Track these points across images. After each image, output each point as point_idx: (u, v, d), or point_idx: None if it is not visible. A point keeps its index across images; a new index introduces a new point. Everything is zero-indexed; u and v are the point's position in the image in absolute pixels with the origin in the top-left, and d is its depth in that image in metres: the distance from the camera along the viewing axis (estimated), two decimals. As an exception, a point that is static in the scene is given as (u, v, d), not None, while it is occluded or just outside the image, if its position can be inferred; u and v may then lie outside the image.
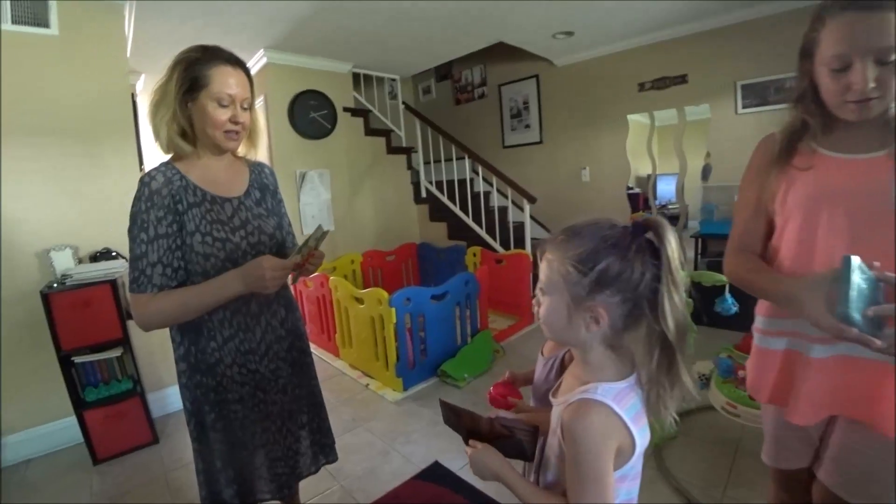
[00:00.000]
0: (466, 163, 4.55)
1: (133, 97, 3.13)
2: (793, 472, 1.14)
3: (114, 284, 2.29)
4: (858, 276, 0.78)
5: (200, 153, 1.21)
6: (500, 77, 5.32)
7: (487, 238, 4.50)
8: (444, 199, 4.87)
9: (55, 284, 2.23)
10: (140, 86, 4.23)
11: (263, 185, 1.36)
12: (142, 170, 2.84)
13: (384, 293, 2.80)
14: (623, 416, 0.72)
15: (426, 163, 5.10)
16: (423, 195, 5.14)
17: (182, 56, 1.14)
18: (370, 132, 4.74)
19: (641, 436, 0.75)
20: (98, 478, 2.23)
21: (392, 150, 4.94)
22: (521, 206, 4.16)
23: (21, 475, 2.27)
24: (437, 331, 3.07)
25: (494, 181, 4.33)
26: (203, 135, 1.17)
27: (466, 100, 5.73)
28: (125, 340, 2.37)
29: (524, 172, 5.05)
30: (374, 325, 2.95)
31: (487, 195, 5.24)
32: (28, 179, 2.34)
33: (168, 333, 1.24)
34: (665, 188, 4.51)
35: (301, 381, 1.43)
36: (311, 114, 4.14)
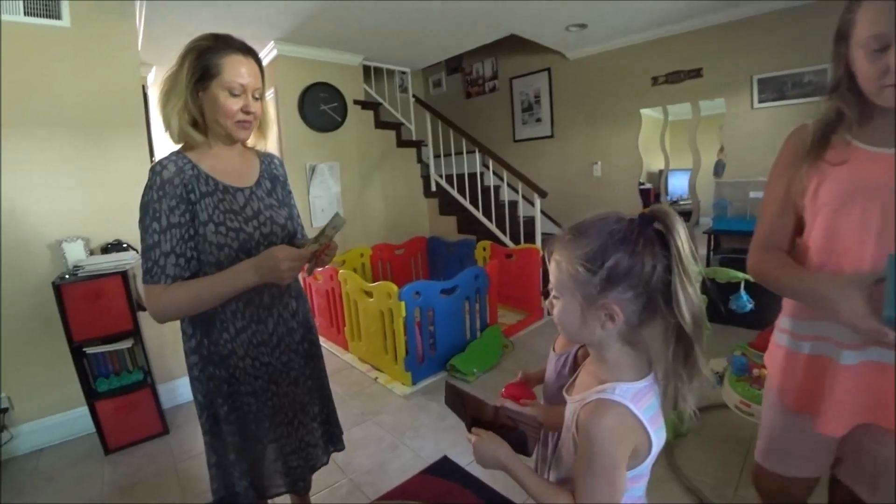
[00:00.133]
0: (477, 157, 4.52)
1: (144, 89, 3.14)
2: (800, 481, 1.10)
3: (125, 276, 2.30)
4: None
5: (211, 143, 1.19)
6: (512, 70, 5.27)
7: (497, 232, 4.48)
8: (455, 193, 4.85)
9: (67, 276, 2.24)
10: (151, 78, 4.25)
11: (274, 176, 1.35)
12: (152, 162, 2.85)
13: (394, 287, 2.79)
14: (641, 418, 0.71)
15: (436, 156, 5.08)
16: (433, 189, 5.11)
17: (193, 44, 1.12)
18: (380, 125, 4.72)
19: (658, 436, 0.73)
20: (109, 467, 2.25)
21: (402, 144, 4.93)
22: (532, 201, 4.12)
23: (34, 464, 2.30)
24: (447, 325, 3.06)
25: (505, 175, 4.30)
26: (214, 124, 1.16)
27: (477, 93, 5.69)
28: (136, 332, 2.38)
29: (535, 167, 5.01)
30: (384, 319, 2.94)
31: (498, 189, 5.21)
32: (41, 171, 2.36)
33: (178, 325, 1.23)
34: (676, 184, 4.47)
35: (312, 373, 1.43)
36: (322, 106, 4.13)
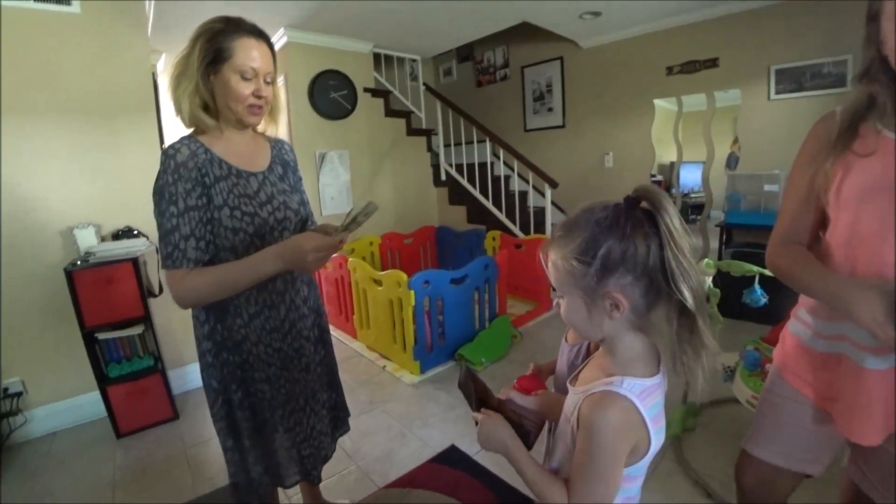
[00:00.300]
0: (487, 146, 4.48)
1: (154, 76, 3.13)
2: (789, 475, 1.07)
3: (135, 262, 2.31)
4: None
5: (223, 127, 1.18)
6: (523, 59, 5.21)
7: (507, 222, 4.45)
8: (464, 183, 4.82)
9: (79, 262, 2.25)
10: (161, 66, 4.24)
11: (285, 162, 1.34)
12: (163, 149, 2.85)
13: (403, 275, 2.78)
14: (644, 415, 0.70)
15: (446, 145, 5.04)
16: (443, 178, 5.09)
17: (205, 27, 1.10)
18: (390, 113, 4.70)
19: (658, 437, 0.73)
20: (121, 451, 2.28)
21: (412, 132, 4.90)
22: (542, 191, 4.09)
23: (48, 447, 2.33)
24: (456, 314, 3.05)
25: (516, 165, 4.26)
26: (225, 109, 1.14)
27: (488, 82, 5.64)
28: (146, 318, 2.40)
29: (546, 157, 4.97)
30: (393, 308, 2.94)
31: (508, 179, 5.16)
32: (52, 158, 2.36)
33: (189, 311, 1.23)
34: (687, 176, 4.40)
35: (322, 360, 1.43)
36: (332, 94, 4.11)
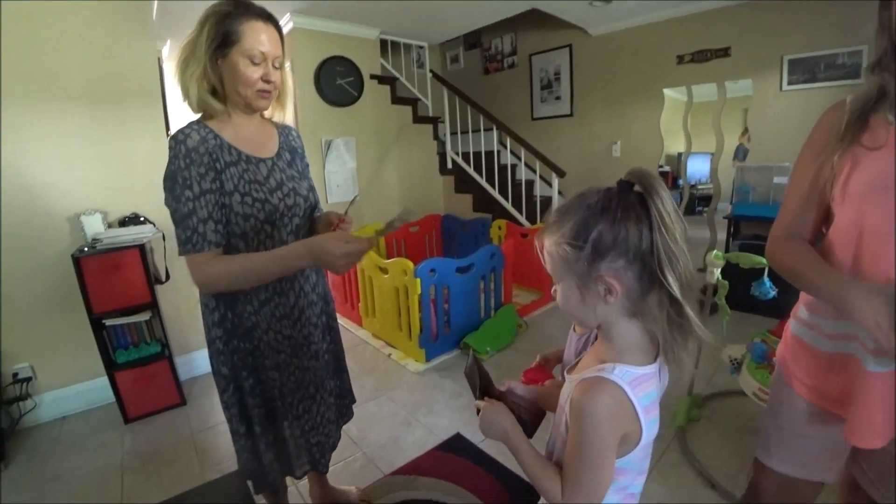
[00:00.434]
0: (494, 134, 4.46)
1: (159, 62, 3.11)
2: (809, 483, 1.03)
3: (142, 249, 2.31)
4: None
5: (231, 112, 1.17)
6: (532, 46, 5.15)
7: (513, 211, 4.43)
8: (471, 171, 4.79)
9: (86, 248, 2.25)
10: (166, 52, 4.22)
11: (293, 148, 1.34)
12: (168, 136, 2.84)
13: (409, 263, 2.78)
14: (635, 404, 0.69)
15: (452, 133, 5.00)
16: (449, 166, 5.05)
17: (212, 9, 1.09)
18: (397, 100, 4.65)
19: (649, 427, 0.72)
20: (129, 436, 2.30)
21: (418, 120, 4.86)
22: (549, 180, 4.06)
23: (57, 432, 2.36)
24: (461, 303, 3.05)
25: (523, 154, 4.22)
26: (234, 93, 1.13)
27: (495, 69, 5.58)
28: (153, 305, 2.40)
29: (553, 146, 4.92)
30: (399, 296, 2.94)
31: (514, 168, 5.12)
32: (59, 144, 2.35)
33: (196, 298, 1.23)
34: (694, 167, 4.35)
35: (329, 347, 1.43)
36: (338, 80, 4.08)
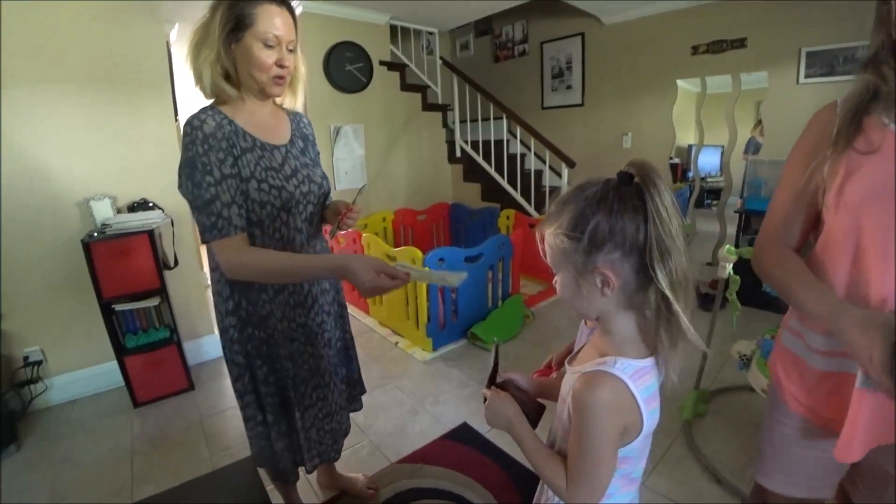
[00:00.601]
0: (504, 123, 4.41)
1: (167, 46, 3.09)
2: (811, 502, 0.98)
3: (151, 235, 2.31)
4: None
5: (245, 97, 1.15)
6: (543, 34, 5.05)
7: (522, 201, 4.40)
8: (480, 160, 4.75)
9: (95, 234, 2.26)
10: (174, 36, 4.19)
11: (304, 136, 1.32)
12: (177, 121, 2.83)
13: (418, 252, 2.77)
14: (636, 396, 0.70)
15: (462, 121, 4.96)
16: (458, 155, 5.02)
17: None
18: (406, 87, 4.61)
19: (650, 418, 0.72)
20: (139, 420, 2.32)
21: (427, 107, 4.82)
22: (558, 170, 4.02)
23: (68, 414, 2.39)
24: (469, 293, 3.04)
25: (533, 143, 4.18)
26: (248, 78, 1.11)
27: (506, 57, 5.50)
28: (162, 290, 2.41)
29: (563, 135, 4.86)
30: (406, 284, 2.92)
31: (524, 157, 5.08)
32: (67, 129, 2.35)
33: (203, 285, 1.23)
34: (703, 160, 4.27)
35: (340, 335, 1.44)
36: (347, 66, 4.04)
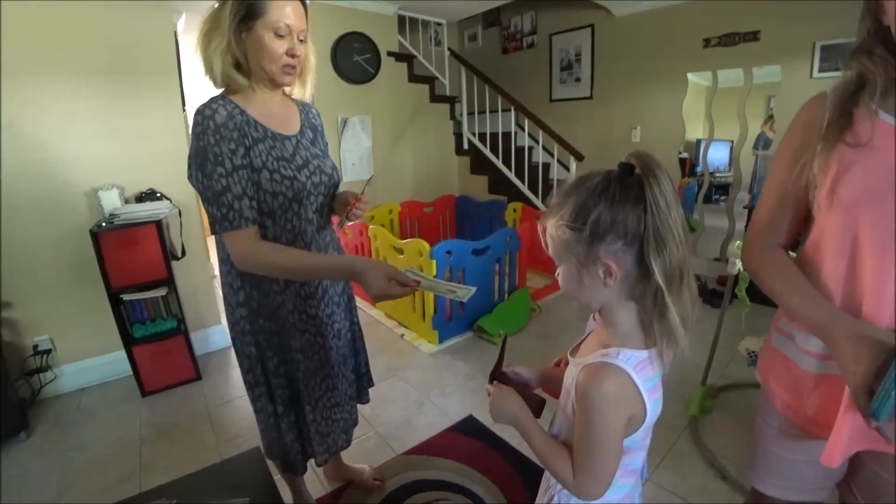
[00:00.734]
0: (511, 115, 4.37)
1: (175, 36, 3.08)
2: None
3: (159, 225, 2.32)
4: None
5: (255, 87, 1.14)
6: (552, 26, 5.00)
7: (529, 194, 4.37)
8: (487, 152, 4.72)
9: (104, 224, 2.26)
10: (181, 26, 4.17)
11: (314, 126, 1.31)
12: (184, 111, 2.82)
13: (425, 244, 2.76)
14: (640, 386, 0.70)
15: (469, 113, 4.93)
16: (465, 147, 5.00)
17: None
18: (413, 79, 4.58)
19: (654, 408, 0.73)
20: (147, 409, 2.34)
21: (435, 99, 4.79)
22: (566, 163, 3.99)
23: (76, 402, 2.41)
24: (476, 285, 3.01)
25: (540, 136, 4.14)
26: (258, 68, 1.09)
27: (514, 49, 5.45)
28: (170, 280, 2.42)
29: (571, 128, 4.79)
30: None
31: (531, 150, 5.05)
32: (76, 119, 2.35)
33: (211, 276, 1.23)
34: (711, 155, 4.23)
35: (349, 326, 1.44)
36: (355, 57, 4.02)
